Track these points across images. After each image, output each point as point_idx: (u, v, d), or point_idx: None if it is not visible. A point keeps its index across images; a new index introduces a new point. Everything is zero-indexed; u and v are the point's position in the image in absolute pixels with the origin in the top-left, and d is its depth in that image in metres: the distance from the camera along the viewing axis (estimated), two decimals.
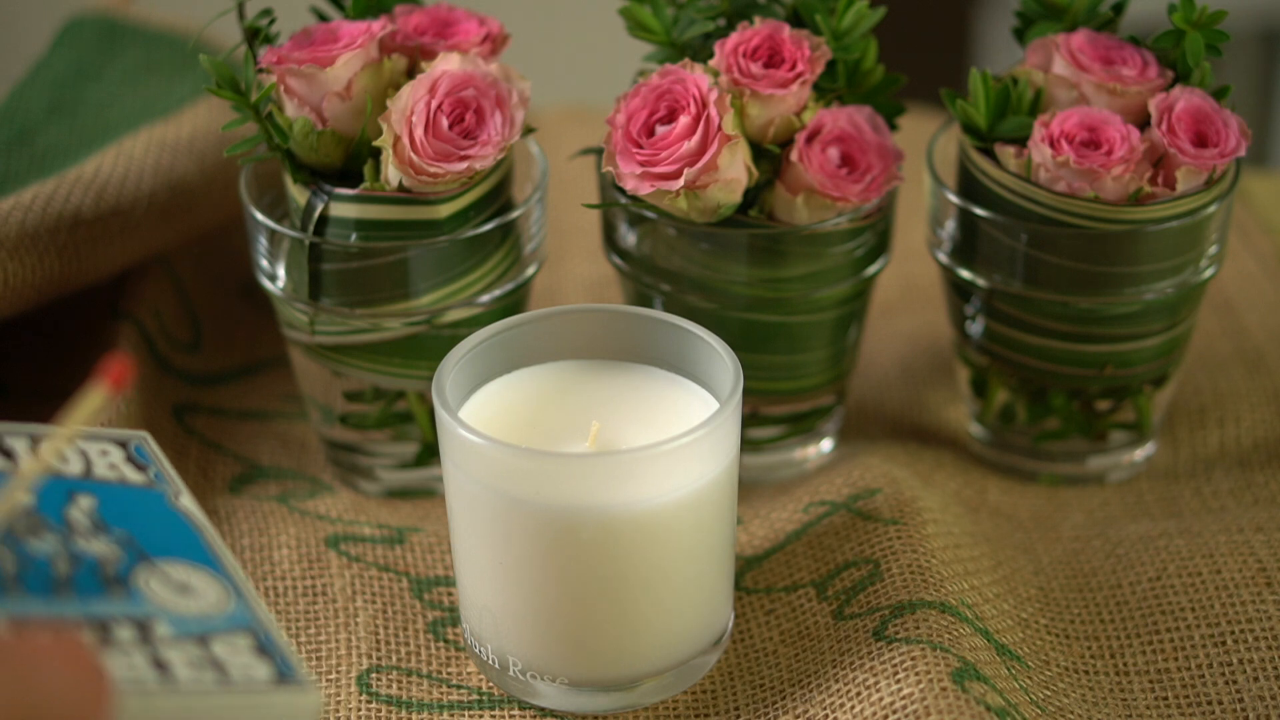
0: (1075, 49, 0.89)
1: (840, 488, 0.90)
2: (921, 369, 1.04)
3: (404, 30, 0.90)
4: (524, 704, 0.82)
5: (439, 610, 0.86)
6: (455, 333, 0.89)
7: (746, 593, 0.87)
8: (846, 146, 0.88)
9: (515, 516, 0.77)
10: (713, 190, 0.86)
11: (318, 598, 0.86)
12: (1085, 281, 0.89)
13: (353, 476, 0.95)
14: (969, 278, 0.92)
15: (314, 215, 0.87)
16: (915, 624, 0.81)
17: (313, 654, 0.84)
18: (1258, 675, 0.82)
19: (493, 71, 0.88)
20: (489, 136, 0.86)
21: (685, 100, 0.86)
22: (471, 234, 0.88)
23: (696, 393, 0.82)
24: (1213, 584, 0.86)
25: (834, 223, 0.89)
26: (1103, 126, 0.87)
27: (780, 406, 0.94)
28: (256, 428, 0.99)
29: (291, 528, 0.90)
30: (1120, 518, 0.93)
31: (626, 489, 0.77)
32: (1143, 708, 0.82)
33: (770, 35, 0.88)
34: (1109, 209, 0.87)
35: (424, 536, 0.90)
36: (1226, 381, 1.01)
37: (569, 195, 1.14)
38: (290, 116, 0.87)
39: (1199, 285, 0.91)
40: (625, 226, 0.91)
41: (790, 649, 0.84)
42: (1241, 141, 0.87)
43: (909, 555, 0.85)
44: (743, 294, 0.90)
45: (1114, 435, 0.96)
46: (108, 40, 1.18)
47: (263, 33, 0.89)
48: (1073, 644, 0.85)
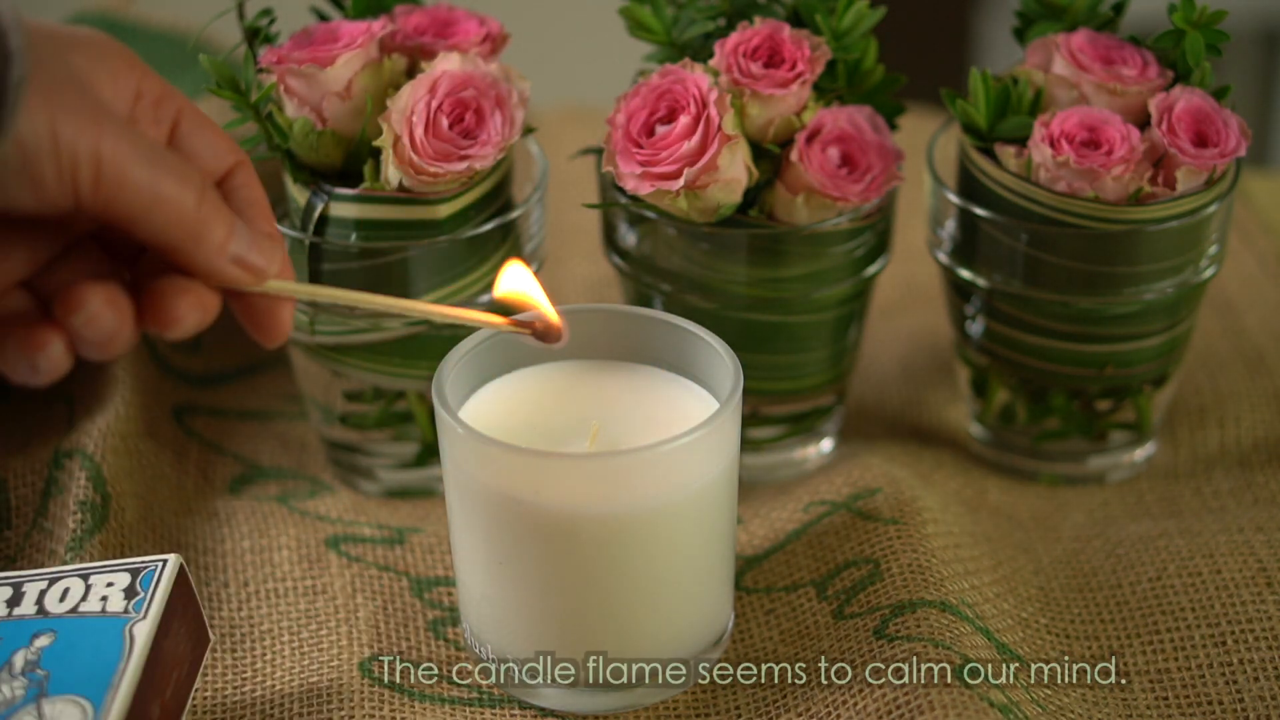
0: (1075, 49, 0.89)
1: (840, 487, 0.90)
2: (921, 369, 1.04)
3: (404, 30, 0.90)
4: (524, 704, 0.82)
5: (439, 610, 0.86)
6: (455, 333, 0.89)
7: (746, 593, 0.87)
8: (846, 146, 0.88)
9: (515, 516, 0.77)
10: (713, 190, 0.86)
11: (318, 597, 0.86)
12: (1085, 281, 0.89)
13: (353, 476, 0.95)
14: (969, 278, 0.92)
15: (314, 215, 0.87)
16: (916, 623, 0.81)
17: (314, 648, 0.84)
18: (1258, 675, 0.82)
19: (493, 71, 0.88)
20: (489, 136, 0.86)
21: (685, 100, 0.86)
22: (471, 234, 0.88)
23: (696, 393, 0.82)
24: (1213, 584, 0.86)
25: (834, 223, 0.89)
26: (1103, 126, 0.87)
27: (780, 406, 0.94)
28: (256, 428, 0.99)
29: (291, 528, 0.90)
30: (1120, 518, 0.93)
31: (626, 489, 0.77)
32: (1143, 708, 0.82)
33: (770, 35, 0.88)
34: (1109, 209, 0.87)
35: (424, 536, 0.90)
36: (1226, 381, 1.01)
37: (569, 195, 1.14)
38: (290, 116, 0.87)
39: (1199, 285, 0.91)
40: (625, 226, 0.91)
41: (790, 649, 0.84)
42: (1241, 141, 0.87)
43: (909, 555, 0.85)
44: (743, 294, 0.90)
45: (1114, 435, 0.96)
46: None
47: (263, 33, 0.89)
48: (1073, 644, 0.85)
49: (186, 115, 0.72)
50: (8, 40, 0.64)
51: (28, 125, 0.65)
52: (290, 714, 0.81)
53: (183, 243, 0.69)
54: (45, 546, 0.88)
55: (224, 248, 0.70)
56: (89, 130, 0.66)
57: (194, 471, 0.95)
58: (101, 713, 0.72)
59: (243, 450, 0.97)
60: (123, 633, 0.75)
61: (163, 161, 0.68)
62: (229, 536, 0.90)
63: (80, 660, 0.74)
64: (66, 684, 0.74)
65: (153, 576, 0.77)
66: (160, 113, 0.71)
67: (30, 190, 0.66)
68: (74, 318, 0.68)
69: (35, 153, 0.65)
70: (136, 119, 0.70)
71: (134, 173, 0.67)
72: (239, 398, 1.01)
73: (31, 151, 0.65)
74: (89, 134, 0.66)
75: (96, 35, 0.70)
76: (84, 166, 0.66)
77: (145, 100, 0.71)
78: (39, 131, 0.65)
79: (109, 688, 0.73)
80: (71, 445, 0.91)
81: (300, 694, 0.81)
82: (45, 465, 0.91)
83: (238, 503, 0.93)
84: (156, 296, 0.70)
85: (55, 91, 0.65)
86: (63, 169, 0.66)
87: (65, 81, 0.66)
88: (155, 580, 0.77)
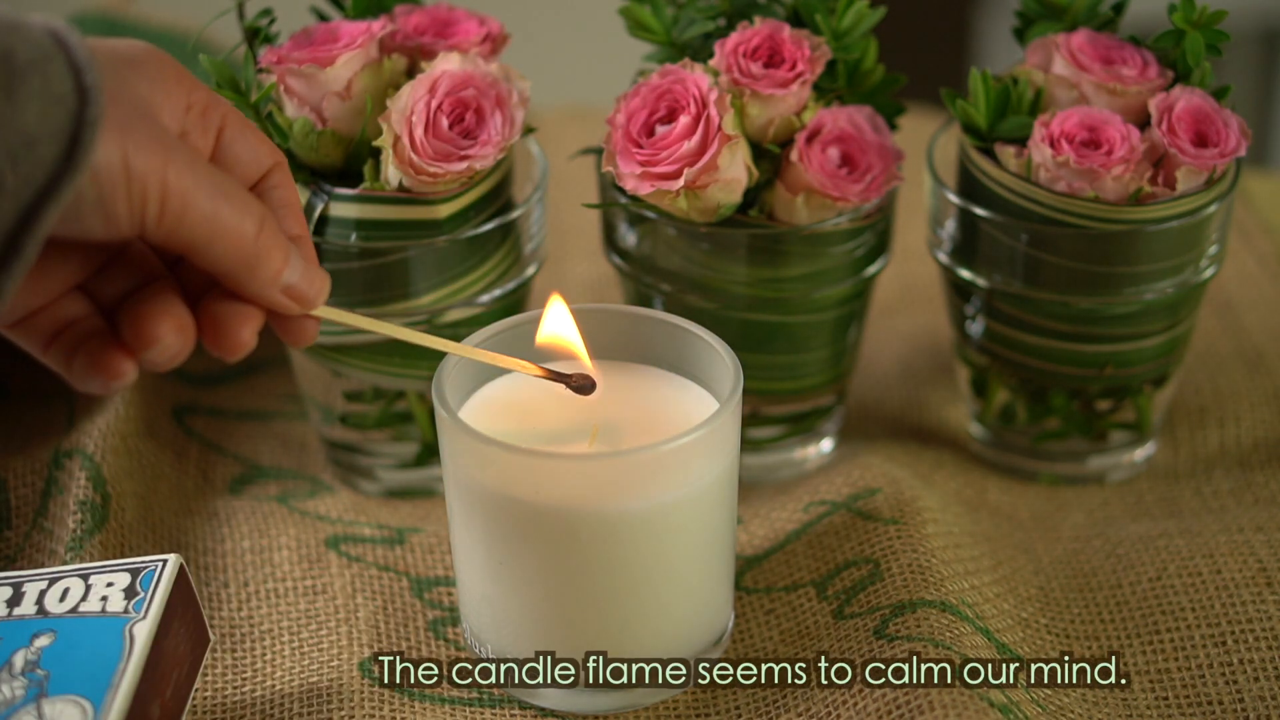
0: (1075, 49, 0.89)
1: (840, 487, 0.90)
2: (921, 369, 1.04)
3: (404, 30, 0.90)
4: (524, 704, 0.82)
5: (439, 610, 0.86)
6: (455, 333, 0.89)
7: (746, 593, 0.87)
8: (846, 146, 0.88)
9: (515, 516, 0.77)
10: (713, 190, 0.86)
11: (318, 597, 0.86)
12: (1085, 281, 0.89)
13: (353, 476, 0.95)
14: (969, 278, 0.92)
15: (314, 215, 0.87)
16: (916, 623, 0.81)
17: (314, 647, 0.84)
18: (1258, 675, 0.82)
19: (493, 71, 0.88)
20: (489, 136, 0.86)
21: (685, 100, 0.86)
22: (471, 234, 0.88)
23: (696, 393, 0.82)
24: (1213, 584, 0.86)
25: (834, 223, 0.89)
26: (1103, 126, 0.87)
27: (780, 406, 0.94)
28: (256, 428, 0.99)
29: (291, 528, 0.90)
30: (1120, 518, 0.93)
31: (626, 489, 0.77)
32: (1143, 708, 0.82)
33: (770, 35, 0.88)
34: (1109, 209, 0.87)
35: (424, 536, 0.90)
36: (1226, 381, 1.01)
37: (569, 195, 1.14)
38: (290, 116, 0.87)
39: (1199, 285, 0.91)
40: (625, 226, 0.91)
41: (790, 649, 0.84)
42: (1241, 141, 0.87)
43: (909, 555, 0.85)
44: (743, 294, 0.90)
45: (1114, 435, 0.96)
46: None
47: (263, 33, 0.89)
48: (1073, 644, 0.85)
49: (230, 122, 0.73)
50: (83, 77, 0.65)
51: (103, 158, 0.66)
52: (290, 714, 0.81)
53: (239, 271, 0.71)
54: (45, 546, 0.88)
55: (277, 278, 0.72)
56: (157, 161, 0.67)
57: (194, 471, 0.95)
58: (101, 713, 0.72)
59: (243, 450, 0.97)
60: (123, 633, 0.75)
61: (224, 191, 0.69)
62: (229, 536, 0.90)
63: (80, 660, 0.74)
64: (66, 684, 0.74)
65: (153, 576, 0.77)
66: (207, 121, 0.72)
67: (102, 221, 0.67)
68: (148, 352, 0.70)
69: (110, 185, 0.66)
70: (187, 131, 0.72)
71: (198, 203, 0.68)
72: (239, 398, 1.01)
73: (106, 184, 0.66)
74: (157, 165, 0.67)
75: (150, 52, 0.71)
76: (152, 198, 0.67)
77: (194, 111, 0.72)
78: (113, 164, 0.66)
79: (109, 688, 0.73)
80: (71, 445, 0.91)
81: (300, 694, 0.81)
82: (45, 465, 0.91)
83: (238, 503, 0.93)
84: (220, 321, 0.72)
85: (126, 123, 0.67)
86: (133, 200, 0.67)
87: (134, 112, 0.68)
88: (155, 580, 0.77)
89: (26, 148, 0.64)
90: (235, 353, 0.72)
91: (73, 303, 0.72)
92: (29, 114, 0.64)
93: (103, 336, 0.71)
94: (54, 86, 0.64)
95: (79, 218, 0.66)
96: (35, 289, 0.71)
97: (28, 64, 0.64)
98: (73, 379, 0.71)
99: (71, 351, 0.71)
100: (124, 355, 0.70)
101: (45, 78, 0.64)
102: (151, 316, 0.70)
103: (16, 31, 0.64)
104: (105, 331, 0.71)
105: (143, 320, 0.70)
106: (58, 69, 0.65)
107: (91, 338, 0.71)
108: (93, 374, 0.70)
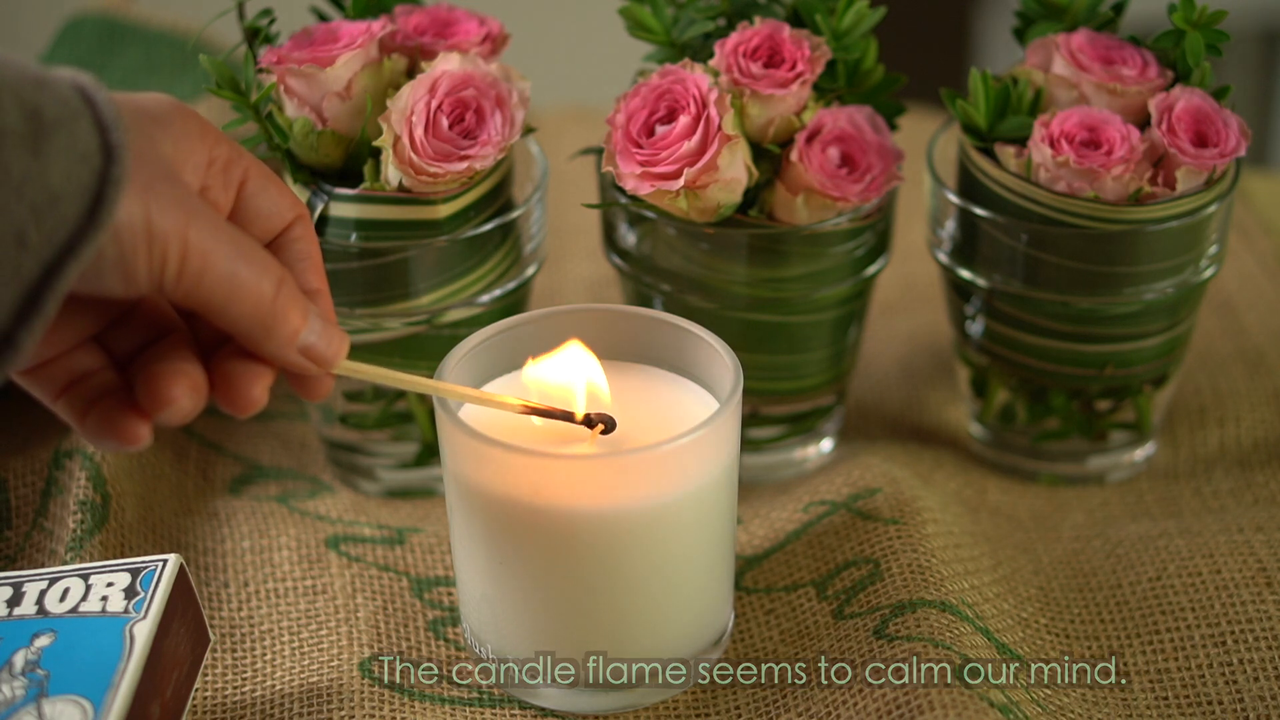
0: (1075, 49, 0.89)
1: (840, 487, 0.90)
2: (921, 369, 1.04)
3: (404, 30, 0.90)
4: (524, 704, 0.82)
5: (439, 610, 0.86)
6: (455, 333, 0.89)
7: (746, 593, 0.87)
8: (846, 146, 0.88)
9: (515, 516, 0.77)
10: (713, 190, 0.86)
11: (318, 597, 0.86)
12: (1085, 281, 0.89)
13: (353, 476, 0.95)
14: (969, 278, 0.92)
15: (314, 215, 0.87)
16: (916, 623, 0.81)
17: (314, 647, 0.84)
18: (1258, 675, 0.82)
19: (493, 71, 0.88)
20: (489, 136, 0.86)
21: (685, 100, 0.86)
22: (471, 234, 0.88)
23: (696, 393, 0.82)
24: (1213, 584, 0.86)
25: (834, 223, 0.89)
26: (1103, 126, 0.87)
27: (780, 406, 0.94)
28: (256, 428, 0.99)
29: (291, 528, 0.90)
30: (1120, 518, 0.94)
31: (627, 489, 0.77)
32: (1143, 708, 0.82)
33: (770, 35, 0.88)
34: (1109, 209, 0.87)
35: (424, 536, 0.90)
36: (1226, 381, 1.01)
37: (569, 195, 1.14)
38: (290, 116, 0.87)
39: (1199, 285, 0.91)
40: (625, 226, 0.91)
41: (790, 649, 0.84)
42: (1241, 141, 0.87)
43: (909, 555, 0.85)
44: (743, 294, 0.90)
45: (1114, 435, 0.96)
46: (108, 40, 1.18)
47: (263, 33, 0.89)
48: (1073, 644, 0.85)
49: (252, 175, 0.73)
50: (109, 135, 0.65)
51: (125, 217, 0.66)
52: (290, 714, 0.81)
53: (256, 331, 0.70)
54: (45, 546, 0.88)
55: (294, 338, 0.71)
56: (178, 221, 0.67)
57: (194, 471, 0.95)
58: (101, 713, 0.72)
59: (243, 450, 0.97)
60: (123, 632, 0.75)
61: (243, 252, 0.69)
62: (229, 536, 0.90)
63: (80, 660, 0.74)
64: (66, 684, 0.74)
65: (153, 576, 0.77)
66: (229, 177, 0.72)
67: (121, 279, 0.67)
68: (163, 414, 0.70)
69: (131, 244, 0.66)
70: (209, 186, 0.72)
71: (217, 263, 0.68)
72: None
73: (128, 243, 0.66)
74: (178, 224, 0.67)
75: (174, 107, 0.71)
76: (172, 257, 0.67)
77: (215, 166, 0.72)
78: (135, 223, 0.66)
79: (109, 688, 0.73)
80: (71, 445, 0.91)
81: (300, 694, 0.81)
82: (45, 465, 0.91)
83: (238, 503, 0.93)
84: (233, 379, 0.72)
85: (149, 182, 0.67)
86: (153, 260, 0.67)
87: (157, 170, 0.67)
88: (155, 580, 0.77)
89: (51, 205, 0.63)
90: (247, 411, 0.72)
91: (86, 355, 0.72)
92: (54, 171, 0.64)
93: (117, 396, 0.71)
94: (80, 144, 0.64)
95: (99, 275, 0.66)
96: (49, 340, 0.70)
97: (55, 121, 0.64)
98: (86, 435, 0.71)
99: (85, 407, 0.71)
100: (139, 419, 0.70)
101: (72, 135, 0.64)
102: (166, 376, 0.70)
103: (44, 88, 0.64)
104: (119, 389, 0.71)
105: (158, 381, 0.70)
106: (84, 126, 0.64)
107: (105, 396, 0.71)
108: (108, 436, 0.70)
